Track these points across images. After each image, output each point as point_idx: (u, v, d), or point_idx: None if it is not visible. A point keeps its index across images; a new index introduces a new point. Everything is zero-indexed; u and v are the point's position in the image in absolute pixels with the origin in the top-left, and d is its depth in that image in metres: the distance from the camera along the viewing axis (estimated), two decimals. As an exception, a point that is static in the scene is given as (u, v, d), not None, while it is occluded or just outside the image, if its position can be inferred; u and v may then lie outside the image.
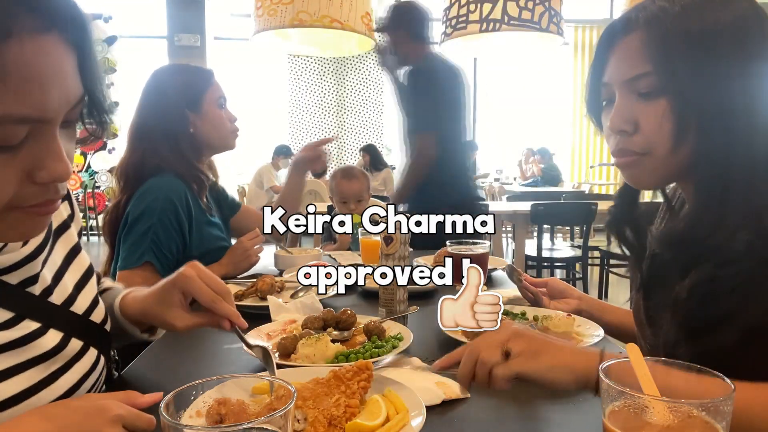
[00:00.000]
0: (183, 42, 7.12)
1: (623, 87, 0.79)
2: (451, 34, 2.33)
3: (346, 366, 0.77)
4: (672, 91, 0.75)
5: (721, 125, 0.74)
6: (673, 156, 0.77)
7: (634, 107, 0.78)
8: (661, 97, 0.76)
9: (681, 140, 0.75)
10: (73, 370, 0.76)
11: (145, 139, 1.61)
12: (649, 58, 0.76)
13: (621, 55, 0.80)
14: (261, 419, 0.47)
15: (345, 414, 0.69)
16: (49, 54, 0.55)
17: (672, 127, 0.75)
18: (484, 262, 1.42)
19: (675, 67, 0.74)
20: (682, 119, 0.74)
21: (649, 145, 0.78)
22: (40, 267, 0.75)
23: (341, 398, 0.71)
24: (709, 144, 0.75)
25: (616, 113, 0.80)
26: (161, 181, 1.56)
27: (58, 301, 0.78)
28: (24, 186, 0.57)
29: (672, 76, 0.75)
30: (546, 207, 3.91)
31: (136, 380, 0.93)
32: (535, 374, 0.69)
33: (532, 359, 0.69)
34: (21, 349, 0.69)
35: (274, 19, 2.10)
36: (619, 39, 0.80)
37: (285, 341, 0.98)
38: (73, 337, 0.78)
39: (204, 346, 1.13)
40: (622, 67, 0.79)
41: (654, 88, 0.76)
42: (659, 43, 0.75)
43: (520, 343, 0.70)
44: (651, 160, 0.79)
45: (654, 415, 0.51)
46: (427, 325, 1.21)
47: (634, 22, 0.78)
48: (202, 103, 1.65)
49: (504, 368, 0.69)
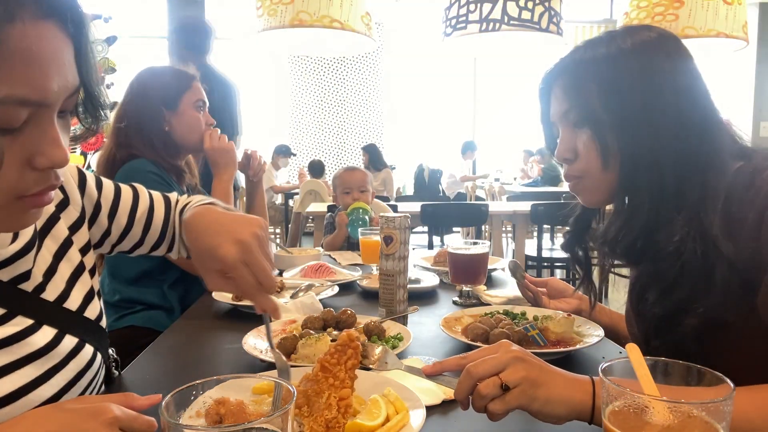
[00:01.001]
0: (183, 42, 7.12)
1: (561, 121, 0.96)
2: (451, 34, 2.33)
3: (329, 350, 0.73)
4: (590, 121, 0.91)
5: (632, 136, 0.87)
6: (605, 174, 0.91)
7: (573, 137, 0.95)
8: (585, 126, 0.92)
9: (607, 156, 0.90)
10: (68, 367, 0.76)
11: (121, 134, 1.64)
12: (569, 95, 0.94)
13: (555, 96, 0.98)
14: (261, 419, 0.47)
15: (340, 411, 0.68)
16: (49, 40, 0.57)
17: (597, 146, 0.90)
18: (484, 262, 1.42)
19: (588, 101, 0.90)
20: (603, 141, 0.89)
21: (585, 167, 0.93)
22: (32, 264, 0.75)
23: (331, 394, 0.69)
24: (628, 154, 0.88)
25: (560, 144, 0.97)
26: (137, 163, 1.58)
27: (51, 297, 0.78)
28: (25, 172, 0.58)
29: (586, 109, 0.91)
30: (546, 207, 3.91)
31: (136, 380, 0.93)
32: (531, 409, 0.69)
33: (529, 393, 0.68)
34: (14, 346, 0.69)
35: (274, 19, 2.10)
36: (553, 85, 0.98)
37: (285, 341, 0.98)
38: (68, 334, 0.77)
39: (204, 346, 1.13)
40: (555, 106, 0.98)
41: (578, 119, 0.93)
42: (573, 84, 0.93)
43: (519, 371, 0.69)
44: (589, 180, 0.94)
45: (654, 415, 0.51)
46: (427, 325, 1.21)
47: (559, 68, 0.97)
48: (179, 103, 1.67)
49: (501, 404, 0.69)
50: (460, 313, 1.19)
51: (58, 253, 0.82)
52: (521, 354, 0.71)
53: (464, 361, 0.72)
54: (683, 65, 0.89)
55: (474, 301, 1.39)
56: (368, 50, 2.52)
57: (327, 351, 0.73)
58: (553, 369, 0.72)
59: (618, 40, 0.91)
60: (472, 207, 4.43)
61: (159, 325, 1.52)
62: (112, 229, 0.95)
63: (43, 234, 0.81)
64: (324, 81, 8.40)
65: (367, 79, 8.47)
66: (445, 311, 1.25)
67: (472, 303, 1.37)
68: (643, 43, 0.90)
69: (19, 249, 0.72)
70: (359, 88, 8.48)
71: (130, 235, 0.98)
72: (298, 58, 8.22)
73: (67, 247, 0.84)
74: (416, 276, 1.59)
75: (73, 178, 0.89)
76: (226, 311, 1.34)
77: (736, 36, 2.57)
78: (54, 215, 0.83)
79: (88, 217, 0.91)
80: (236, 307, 1.34)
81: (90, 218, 0.92)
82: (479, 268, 1.41)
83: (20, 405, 0.68)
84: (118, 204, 0.96)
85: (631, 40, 0.90)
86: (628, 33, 0.92)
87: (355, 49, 2.53)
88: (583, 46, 0.95)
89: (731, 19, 2.54)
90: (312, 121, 8.47)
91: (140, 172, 1.55)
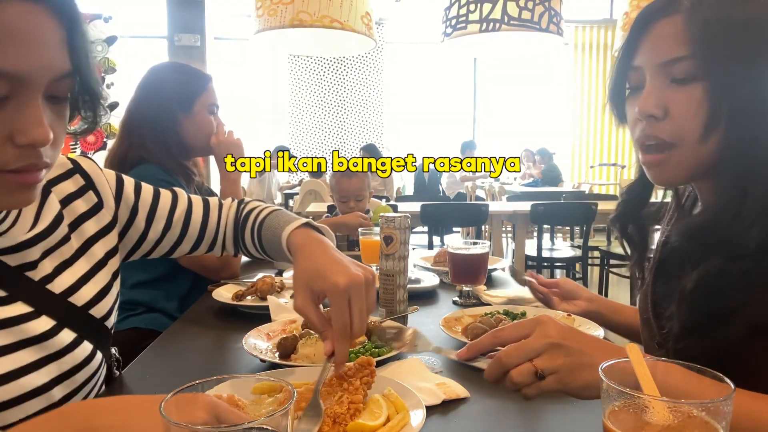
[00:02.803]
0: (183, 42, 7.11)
1: (657, 71, 0.77)
2: (451, 34, 2.33)
3: (348, 365, 0.77)
4: (709, 77, 0.73)
5: (751, 118, 0.73)
6: (700, 147, 0.75)
7: (666, 92, 0.76)
8: (697, 83, 0.74)
9: (711, 129, 0.73)
10: (64, 359, 0.76)
11: (135, 132, 1.62)
12: (688, 42, 0.74)
13: (657, 37, 0.78)
14: (261, 419, 0.47)
15: (349, 411, 0.70)
16: (31, 20, 0.59)
17: (704, 114, 0.73)
18: (484, 262, 1.42)
19: (715, 53, 0.72)
20: (716, 107, 0.73)
21: (679, 132, 0.76)
22: (39, 255, 0.77)
23: (344, 395, 0.72)
24: (737, 136, 0.73)
25: (646, 96, 0.77)
26: (145, 169, 1.56)
27: (58, 290, 0.79)
28: (6, 147, 0.60)
29: (710, 62, 0.73)
30: (546, 207, 3.91)
31: (136, 380, 0.93)
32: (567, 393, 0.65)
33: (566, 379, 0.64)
34: (10, 329, 0.70)
35: (274, 19, 2.10)
36: (656, 21, 0.78)
37: (285, 341, 0.98)
38: (66, 327, 0.78)
39: (204, 346, 1.13)
40: (657, 50, 0.77)
41: (690, 73, 0.74)
42: (701, 27, 0.73)
43: (556, 359, 0.64)
44: (678, 153, 0.77)
45: (654, 415, 0.51)
46: (427, 325, 1.21)
47: (677, 4, 0.76)
48: (193, 105, 1.66)
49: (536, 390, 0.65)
50: (460, 313, 1.19)
51: (79, 249, 0.85)
52: (558, 339, 0.65)
53: (498, 341, 0.68)
54: None
55: (474, 301, 1.39)
56: (368, 50, 2.52)
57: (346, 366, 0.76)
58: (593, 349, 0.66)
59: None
60: (472, 207, 4.42)
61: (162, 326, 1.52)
62: (149, 232, 1.00)
63: (71, 230, 0.84)
64: (324, 81, 8.40)
65: (367, 79, 8.47)
66: (445, 311, 1.25)
67: (472, 303, 1.37)
68: None
69: (29, 238, 0.75)
70: (359, 88, 8.48)
71: (168, 235, 1.02)
72: (298, 58, 8.22)
73: (90, 246, 0.87)
74: (416, 276, 1.59)
75: (110, 184, 0.93)
76: (226, 311, 1.34)
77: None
78: (84, 214, 0.87)
79: (122, 223, 0.95)
80: (236, 307, 1.34)
81: (126, 223, 0.96)
82: (479, 268, 1.41)
83: (10, 389, 0.68)
84: (156, 207, 1.00)
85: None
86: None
87: (355, 49, 2.53)
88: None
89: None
90: (312, 121, 8.47)
91: (151, 179, 1.52)
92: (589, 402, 0.78)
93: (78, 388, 0.79)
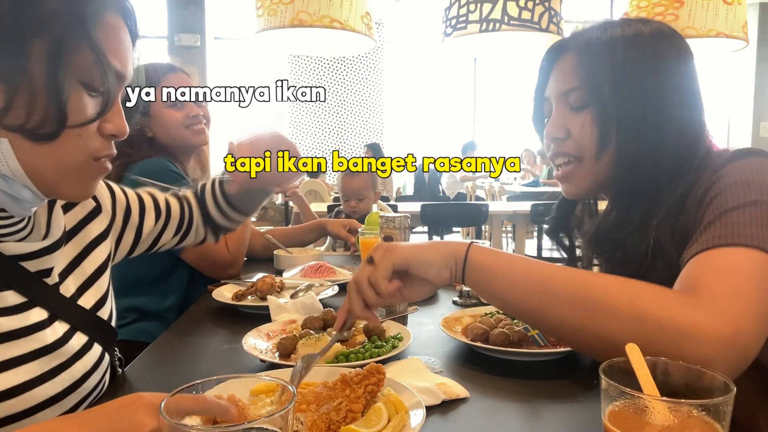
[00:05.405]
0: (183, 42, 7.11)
1: (559, 100, 0.93)
2: (451, 34, 2.33)
3: (356, 369, 0.76)
4: (595, 102, 0.87)
5: (634, 131, 0.85)
6: (597, 164, 0.89)
7: (567, 118, 0.91)
8: (588, 109, 0.88)
9: (603, 148, 0.87)
10: (74, 367, 0.76)
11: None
12: (578, 74, 0.89)
13: (558, 71, 0.94)
14: (261, 419, 0.47)
15: (345, 419, 0.68)
16: (123, 27, 0.71)
17: (596, 135, 0.88)
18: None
19: (599, 82, 0.87)
20: (604, 130, 0.87)
21: (579, 148, 0.90)
22: (53, 261, 0.78)
23: (343, 402, 0.70)
24: (623, 155, 0.87)
25: (552, 122, 0.94)
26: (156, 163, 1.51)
27: (67, 294, 0.80)
28: (98, 137, 0.69)
29: (596, 91, 0.87)
30: (546, 207, 3.91)
31: (137, 379, 0.93)
32: (405, 262, 0.75)
33: (395, 251, 0.75)
34: (23, 339, 0.70)
35: (274, 19, 2.10)
36: (558, 58, 0.94)
37: (285, 341, 0.98)
38: (79, 331, 0.79)
39: (204, 346, 1.13)
40: (558, 82, 0.93)
41: (582, 101, 0.89)
42: (588, 59, 0.89)
43: (381, 248, 0.77)
44: (582, 167, 0.91)
45: (654, 415, 0.51)
46: (427, 325, 1.21)
47: (573, 42, 0.92)
48: (149, 107, 1.57)
49: (374, 272, 0.74)
50: (460, 313, 1.19)
51: (81, 253, 0.86)
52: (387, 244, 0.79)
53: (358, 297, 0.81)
54: (691, 65, 0.89)
55: (474, 301, 1.39)
56: (368, 50, 2.52)
57: (354, 371, 0.75)
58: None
59: (638, 25, 0.89)
60: (472, 207, 4.43)
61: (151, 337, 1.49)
62: (144, 228, 1.05)
63: (72, 234, 0.86)
64: (324, 81, 8.40)
65: (367, 79, 8.46)
66: (445, 311, 1.25)
67: (472, 303, 1.37)
68: (661, 35, 0.88)
69: (49, 245, 0.76)
70: (359, 88, 8.47)
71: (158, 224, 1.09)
72: (298, 58, 8.21)
73: (91, 250, 0.89)
74: (416, 276, 1.59)
75: (105, 190, 0.97)
76: (226, 311, 1.34)
77: (736, 36, 2.56)
78: (85, 219, 0.89)
79: (119, 225, 0.99)
80: (236, 307, 1.34)
81: (123, 223, 1.00)
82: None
83: (22, 400, 0.68)
84: (144, 204, 1.06)
85: (649, 28, 0.88)
86: (642, 22, 0.90)
87: (355, 49, 2.53)
88: (599, 26, 0.91)
89: (731, 19, 2.54)
90: (312, 121, 8.46)
91: (163, 171, 1.48)
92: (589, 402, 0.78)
93: (88, 395, 0.80)
